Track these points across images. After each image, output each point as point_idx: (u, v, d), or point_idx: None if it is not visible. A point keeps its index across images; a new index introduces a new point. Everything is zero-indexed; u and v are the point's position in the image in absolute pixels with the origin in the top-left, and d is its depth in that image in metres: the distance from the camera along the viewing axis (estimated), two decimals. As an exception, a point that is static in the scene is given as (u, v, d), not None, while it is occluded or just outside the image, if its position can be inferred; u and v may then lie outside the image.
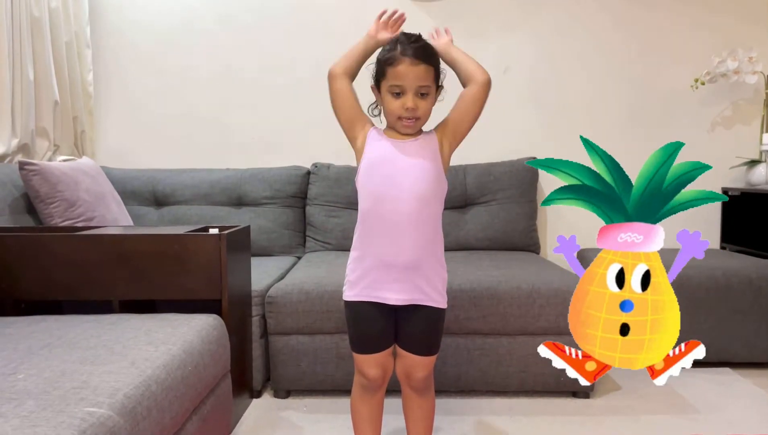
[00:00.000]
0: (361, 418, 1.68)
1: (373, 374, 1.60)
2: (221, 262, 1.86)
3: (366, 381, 1.62)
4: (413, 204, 1.50)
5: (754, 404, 2.24)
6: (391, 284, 1.52)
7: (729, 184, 3.22)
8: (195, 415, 1.54)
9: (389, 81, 1.49)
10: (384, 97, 1.53)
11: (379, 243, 1.52)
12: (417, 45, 1.50)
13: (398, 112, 1.50)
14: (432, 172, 1.53)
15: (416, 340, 1.58)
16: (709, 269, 2.58)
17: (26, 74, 2.58)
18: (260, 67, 3.19)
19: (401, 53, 1.47)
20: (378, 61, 1.55)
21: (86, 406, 1.12)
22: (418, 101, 1.49)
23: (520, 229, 3.01)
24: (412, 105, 1.48)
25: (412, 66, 1.46)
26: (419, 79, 1.47)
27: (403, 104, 1.49)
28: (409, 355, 1.59)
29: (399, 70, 1.47)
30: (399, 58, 1.47)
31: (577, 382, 2.23)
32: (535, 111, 3.21)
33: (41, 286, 1.86)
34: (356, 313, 1.58)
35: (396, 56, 1.48)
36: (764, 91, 3.11)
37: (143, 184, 2.99)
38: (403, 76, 1.47)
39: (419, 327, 1.56)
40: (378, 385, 1.63)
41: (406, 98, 1.49)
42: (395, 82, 1.48)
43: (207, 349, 1.64)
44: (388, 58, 1.50)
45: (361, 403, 1.67)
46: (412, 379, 1.62)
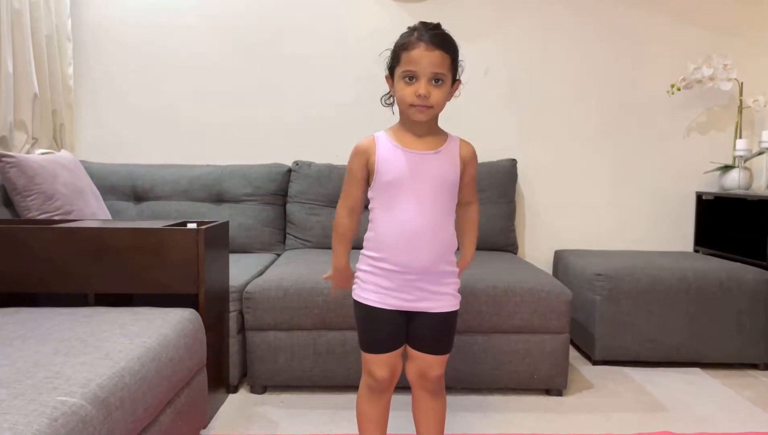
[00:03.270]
0: (367, 419, 1.62)
1: (382, 375, 1.55)
2: (199, 257, 1.87)
3: (374, 382, 1.57)
4: (432, 218, 1.48)
5: (722, 403, 2.28)
6: (405, 289, 1.51)
7: (703, 188, 3.29)
8: (169, 408, 1.55)
9: (403, 66, 1.45)
10: (397, 84, 1.48)
11: (395, 250, 1.49)
12: (434, 32, 1.45)
13: (410, 98, 1.44)
14: (451, 186, 1.52)
15: (429, 341, 1.55)
16: (681, 271, 2.63)
17: (5, 67, 2.56)
18: (242, 63, 3.19)
19: (417, 38, 1.43)
20: (393, 48, 1.50)
21: (58, 395, 1.12)
22: (431, 88, 1.43)
23: (498, 229, 3.04)
24: (425, 91, 1.42)
25: (427, 51, 1.41)
26: (433, 65, 1.42)
27: (416, 90, 1.43)
28: (421, 355, 1.55)
29: (413, 55, 1.42)
30: (414, 43, 1.43)
31: (550, 380, 2.29)
32: (514, 113, 3.24)
33: (16, 279, 1.85)
34: (367, 313, 1.54)
35: (411, 41, 1.43)
36: (738, 97, 3.17)
37: (122, 178, 2.98)
38: (417, 61, 1.42)
39: (432, 329, 1.54)
40: (386, 386, 1.58)
41: (418, 84, 1.43)
42: (408, 67, 1.43)
43: (182, 343, 1.65)
44: (404, 43, 1.45)
45: (368, 404, 1.61)
46: (427, 379, 1.57)
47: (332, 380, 2.29)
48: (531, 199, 3.29)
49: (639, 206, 3.30)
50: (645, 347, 2.63)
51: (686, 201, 3.30)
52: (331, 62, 3.19)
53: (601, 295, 2.61)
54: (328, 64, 3.19)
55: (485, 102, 3.22)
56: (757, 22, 3.23)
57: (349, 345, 2.25)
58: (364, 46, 3.16)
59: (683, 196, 3.30)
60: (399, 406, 1.70)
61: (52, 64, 2.90)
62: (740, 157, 3.11)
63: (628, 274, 2.61)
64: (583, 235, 3.29)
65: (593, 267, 2.68)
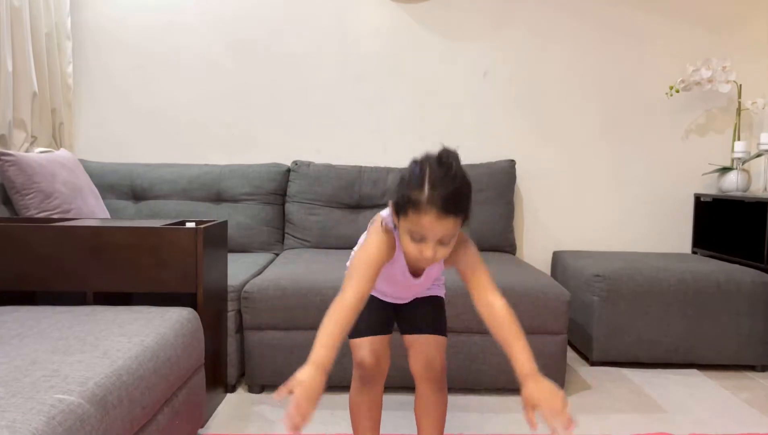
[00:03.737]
0: (359, 411, 1.64)
1: (369, 361, 1.56)
2: (197, 256, 1.87)
3: (362, 371, 1.59)
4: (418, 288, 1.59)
5: (719, 405, 2.29)
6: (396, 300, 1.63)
7: (701, 190, 3.29)
8: (167, 407, 1.55)
9: (410, 224, 1.31)
10: (402, 231, 1.36)
11: (386, 291, 1.60)
12: (447, 193, 1.28)
13: (415, 255, 1.35)
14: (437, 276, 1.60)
15: (422, 318, 1.59)
16: (680, 273, 2.63)
17: (5, 65, 2.56)
18: (241, 62, 3.19)
19: (428, 201, 1.27)
20: (401, 195, 1.33)
21: (56, 393, 1.12)
22: (438, 248, 1.32)
23: (497, 230, 3.04)
24: (432, 254, 1.32)
25: (438, 220, 1.27)
26: (444, 232, 1.30)
27: (422, 251, 1.33)
28: (420, 338, 1.57)
29: (423, 222, 1.28)
30: (425, 208, 1.27)
31: (548, 381, 2.28)
32: (513, 114, 3.25)
33: (14, 277, 1.85)
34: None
35: (422, 204, 1.27)
36: (737, 99, 3.18)
37: (121, 177, 2.98)
38: (427, 228, 1.29)
39: (422, 307, 1.60)
40: (373, 375, 1.59)
41: (426, 246, 1.32)
42: (417, 230, 1.31)
43: (180, 342, 1.65)
44: (414, 201, 1.29)
45: (360, 396, 1.63)
46: (432, 368, 1.56)
47: (329, 381, 2.26)
48: (529, 200, 3.29)
49: (637, 208, 3.30)
50: (643, 348, 2.63)
51: (684, 203, 3.30)
52: (330, 62, 3.19)
53: (599, 296, 2.61)
54: (327, 63, 3.20)
55: (484, 103, 3.23)
56: (755, 25, 3.24)
57: (346, 346, 2.24)
58: (363, 45, 3.16)
59: (682, 197, 3.30)
60: (396, 406, 1.70)
61: (52, 63, 2.90)
62: (738, 159, 3.12)
63: (627, 276, 2.61)
64: (582, 236, 3.30)
65: (591, 268, 2.68)
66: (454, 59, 3.21)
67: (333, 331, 1.32)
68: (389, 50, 3.18)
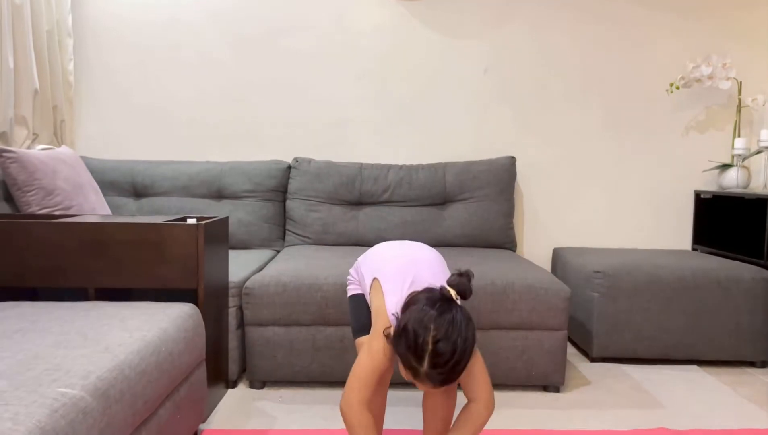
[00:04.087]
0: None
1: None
2: (198, 252, 1.88)
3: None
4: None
5: (718, 400, 2.29)
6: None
7: (701, 187, 3.30)
8: (169, 401, 1.56)
9: (408, 375, 1.37)
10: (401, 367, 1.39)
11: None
12: (446, 374, 1.33)
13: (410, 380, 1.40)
14: None
15: None
16: (679, 270, 2.64)
17: (6, 62, 2.57)
18: (242, 60, 3.20)
19: (426, 376, 1.33)
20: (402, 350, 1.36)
21: (59, 387, 1.13)
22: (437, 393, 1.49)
23: (497, 227, 3.05)
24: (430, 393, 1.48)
25: (435, 388, 1.38)
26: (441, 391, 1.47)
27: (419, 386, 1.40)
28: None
29: (420, 383, 1.37)
30: (422, 379, 1.34)
31: (547, 377, 2.30)
32: (514, 111, 3.25)
33: (16, 273, 1.86)
34: (359, 300, 1.64)
35: (420, 375, 1.34)
36: (737, 96, 3.18)
37: (122, 174, 2.99)
38: (424, 388, 1.41)
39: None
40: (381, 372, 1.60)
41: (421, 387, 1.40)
42: (412, 380, 1.38)
43: (182, 337, 1.65)
44: (413, 368, 1.34)
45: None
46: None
47: (330, 376, 2.30)
48: (530, 196, 3.30)
49: (638, 204, 3.31)
50: (643, 344, 2.64)
51: (685, 199, 3.31)
52: (331, 59, 3.20)
53: (599, 293, 2.62)
54: (328, 61, 3.20)
55: (484, 100, 3.23)
56: (756, 22, 3.24)
57: (348, 341, 2.26)
58: (364, 43, 3.17)
59: (682, 194, 3.31)
60: (398, 402, 1.71)
61: (53, 60, 2.91)
62: (739, 155, 3.12)
63: (626, 272, 2.62)
64: (582, 232, 3.31)
65: (591, 264, 2.69)
66: (454, 56, 3.21)
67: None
68: (390, 47, 3.18)
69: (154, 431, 1.46)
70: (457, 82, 3.22)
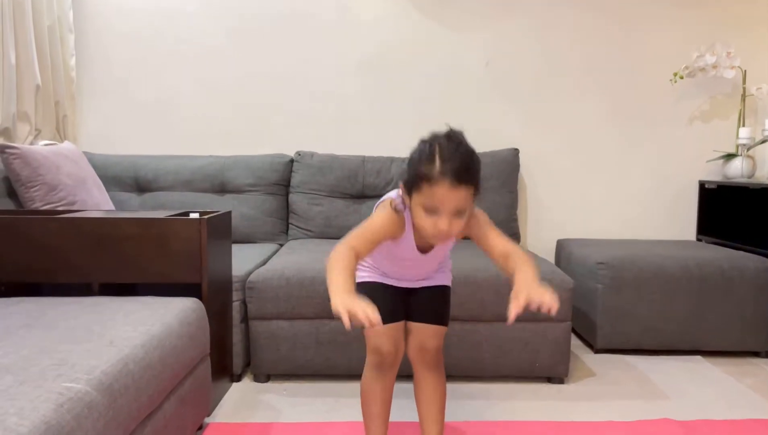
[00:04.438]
0: (374, 399, 1.64)
1: (387, 348, 1.58)
2: (201, 247, 1.88)
3: (379, 357, 1.60)
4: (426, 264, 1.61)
5: (722, 391, 2.29)
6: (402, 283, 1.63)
7: (706, 177, 3.28)
8: (173, 395, 1.57)
9: (424, 198, 1.34)
10: (414, 206, 1.38)
11: (391, 273, 1.63)
12: (458, 165, 1.31)
13: (430, 230, 1.36)
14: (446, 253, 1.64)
15: (426, 309, 1.62)
16: (683, 260, 2.64)
17: (8, 58, 2.57)
18: (244, 53, 3.19)
19: (440, 172, 1.30)
20: (414, 171, 1.36)
21: (64, 381, 1.14)
22: (453, 221, 1.34)
23: (500, 219, 3.04)
24: (447, 227, 1.33)
25: (452, 190, 1.30)
26: (458, 202, 1.32)
27: (436, 224, 1.34)
28: (420, 325, 1.62)
29: (436, 194, 1.31)
30: (437, 179, 1.30)
31: (551, 368, 2.30)
32: (516, 103, 3.24)
33: (20, 269, 1.86)
34: (370, 289, 1.59)
35: (434, 176, 1.30)
36: (742, 85, 3.16)
37: (125, 169, 2.99)
38: (441, 200, 1.31)
39: (428, 297, 1.63)
40: (390, 361, 1.61)
41: (440, 220, 1.33)
42: (430, 202, 1.33)
43: (186, 331, 1.66)
44: (426, 174, 1.32)
45: (374, 382, 1.64)
46: (425, 351, 1.62)
47: (334, 369, 2.30)
48: (533, 188, 3.29)
49: (642, 195, 3.30)
50: (647, 335, 2.64)
51: (689, 190, 3.30)
52: (332, 52, 3.19)
53: (603, 284, 2.61)
54: (329, 54, 3.19)
55: (487, 92, 3.22)
56: (760, 10, 3.21)
57: (351, 334, 2.26)
58: (365, 35, 3.16)
59: (686, 184, 3.30)
60: (400, 395, 1.72)
61: (54, 56, 2.91)
62: (743, 145, 3.11)
63: (630, 263, 2.61)
64: (586, 224, 3.30)
65: (595, 256, 2.68)
66: (456, 49, 3.20)
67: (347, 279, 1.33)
68: (391, 40, 3.17)
69: (160, 425, 1.47)
70: (460, 74, 3.21)
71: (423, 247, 1.52)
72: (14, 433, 0.95)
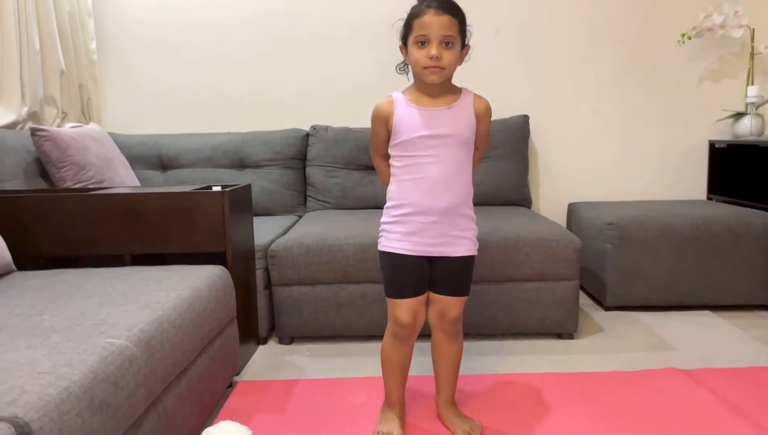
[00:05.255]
0: (392, 365, 1.73)
1: (407, 320, 1.65)
2: (224, 217, 1.99)
3: (399, 328, 1.67)
4: (449, 169, 1.60)
5: (729, 342, 2.37)
6: (427, 232, 1.61)
7: (716, 136, 3.32)
8: (204, 353, 1.70)
9: (415, 32, 1.56)
10: (411, 50, 1.60)
11: (417, 196, 1.60)
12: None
13: (423, 61, 1.56)
14: (466, 139, 1.62)
15: (449, 282, 1.66)
16: (691, 218, 2.70)
17: (32, 44, 2.68)
18: (259, 31, 3.27)
19: (426, 5, 1.55)
20: (406, 19, 1.61)
21: (106, 338, 1.26)
22: (442, 50, 1.55)
23: (512, 185, 3.12)
24: (437, 53, 1.53)
25: (437, 15, 1.53)
26: (443, 27, 1.54)
27: (428, 53, 1.54)
28: (441, 297, 1.67)
29: (424, 21, 1.54)
30: (424, 10, 1.55)
31: (561, 325, 2.40)
32: (527, 69, 3.29)
33: (58, 243, 2.00)
34: (393, 261, 1.64)
35: (422, 9, 1.56)
36: (750, 44, 3.17)
37: (148, 148, 3.11)
38: (428, 25, 1.54)
39: (452, 271, 1.65)
40: (409, 332, 1.68)
41: (430, 47, 1.54)
42: (420, 32, 1.55)
43: (213, 296, 1.78)
44: (415, 12, 1.58)
45: (393, 351, 1.71)
46: (446, 320, 1.69)
47: (354, 330, 2.42)
48: (544, 154, 3.35)
49: (652, 156, 3.34)
50: (656, 293, 2.71)
51: (699, 149, 3.34)
52: (343, 27, 3.26)
53: (612, 244, 2.69)
54: (341, 29, 3.26)
55: (497, 60, 3.27)
56: (769, -33, 3.20)
57: (369, 297, 2.38)
58: (377, 11, 3.21)
59: (696, 144, 3.34)
60: (417, 352, 1.82)
61: (76, 40, 3.02)
62: (752, 104, 3.13)
63: (638, 223, 2.68)
64: (597, 187, 3.36)
65: (605, 217, 2.76)
66: (468, 17, 3.23)
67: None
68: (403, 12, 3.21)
69: (194, 380, 1.60)
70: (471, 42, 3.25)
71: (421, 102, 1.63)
72: (67, 380, 1.07)
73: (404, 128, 1.61)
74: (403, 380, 1.77)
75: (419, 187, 1.60)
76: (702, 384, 1.97)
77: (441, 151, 1.59)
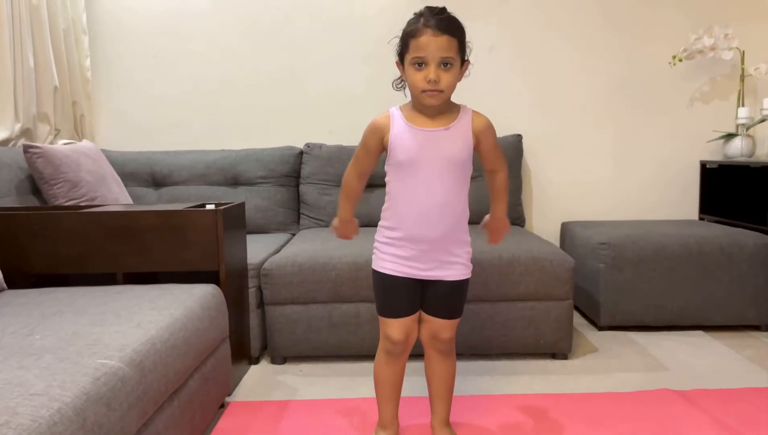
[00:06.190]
0: (384, 382, 1.72)
1: (399, 338, 1.65)
2: (218, 236, 1.98)
3: (391, 345, 1.66)
4: (443, 193, 1.57)
5: (722, 362, 2.38)
6: (419, 259, 1.60)
7: (707, 157, 3.35)
8: (197, 373, 1.68)
9: (412, 53, 1.49)
10: (407, 70, 1.52)
11: (410, 224, 1.59)
12: (440, 17, 1.48)
13: (421, 84, 1.49)
14: (462, 162, 1.58)
15: (441, 305, 1.65)
16: (684, 238, 2.71)
17: (27, 61, 2.68)
18: (253, 48, 3.28)
19: (423, 24, 1.47)
20: (402, 36, 1.54)
21: (99, 359, 1.25)
22: (440, 73, 1.48)
23: (505, 204, 3.12)
24: (434, 76, 1.46)
25: (434, 37, 1.45)
26: (441, 49, 1.46)
27: (426, 76, 1.47)
28: (434, 319, 1.66)
29: (421, 42, 1.46)
30: (421, 30, 1.47)
31: (555, 345, 2.39)
32: (519, 88, 3.31)
33: (49, 261, 1.98)
34: (385, 281, 1.64)
35: (418, 28, 1.47)
36: (740, 66, 3.21)
37: (141, 165, 3.10)
38: (425, 47, 1.46)
39: (445, 294, 1.64)
40: (401, 349, 1.68)
41: (428, 70, 1.47)
42: (417, 54, 1.48)
43: (206, 315, 1.77)
44: (411, 30, 1.49)
45: (386, 367, 1.71)
46: (438, 340, 1.68)
47: (347, 350, 2.41)
48: (537, 173, 3.37)
49: (645, 177, 3.37)
50: (649, 312, 2.72)
51: (691, 170, 3.36)
52: (339, 44, 3.28)
53: (605, 263, 2.70)
54: (336, 46, 3.28)
55: (490, 78, 3.29)
56: (757, -9, 3.26)
57: (362, 316, 2.36)
58: (372, 28, 3.23)
59: (688, 165, 3.36)
60: (411, 372, 1.81)
61: (71, 57, 3.02)
62: (743, 124, 3.16)
63: (632, 243, 2.69)
64: (590, 206, 3.37)
65: (598, 236, 2.77)
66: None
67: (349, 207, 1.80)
68: (396, 30, 3.23)
69: (185, 400, 1.58)
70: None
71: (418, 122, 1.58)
72: (59, 401, 1.05)
73: (398, 148, 1.58)
74: (396, 399, 1.75)
75: (412, 214, 1.58)
76: (696, 405, 1.97)
77: (435, 175, 1.56)
